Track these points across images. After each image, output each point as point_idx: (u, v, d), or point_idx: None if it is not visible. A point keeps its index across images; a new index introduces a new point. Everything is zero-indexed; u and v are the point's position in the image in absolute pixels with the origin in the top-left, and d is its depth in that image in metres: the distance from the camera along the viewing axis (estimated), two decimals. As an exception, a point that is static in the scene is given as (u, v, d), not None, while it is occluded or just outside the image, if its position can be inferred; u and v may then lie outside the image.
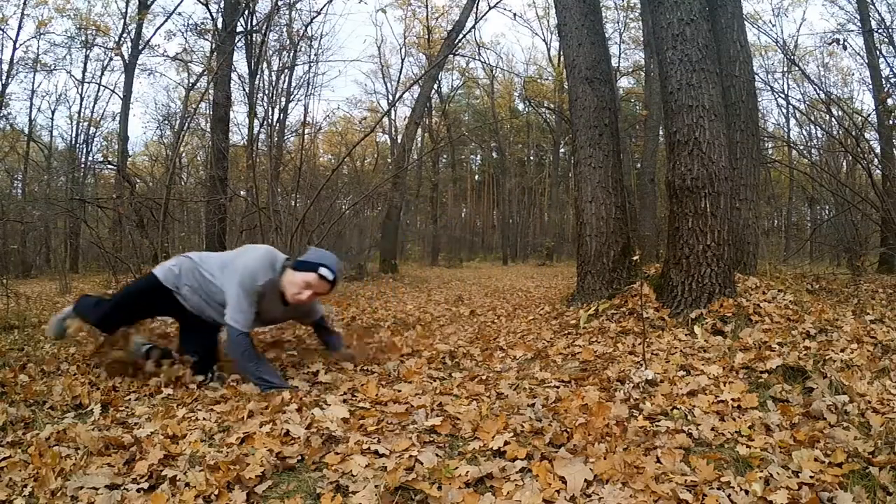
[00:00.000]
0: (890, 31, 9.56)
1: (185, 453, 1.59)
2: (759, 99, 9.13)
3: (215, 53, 10.52)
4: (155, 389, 2.22)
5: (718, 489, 1.39)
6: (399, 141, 17.62)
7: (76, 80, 16.64)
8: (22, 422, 1.84)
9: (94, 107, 17.23)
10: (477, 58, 19.81)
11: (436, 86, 19.79)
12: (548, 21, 22.46)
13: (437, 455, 1.56)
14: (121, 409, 2.00)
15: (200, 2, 12.22)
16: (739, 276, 3.43)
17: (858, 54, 10.99)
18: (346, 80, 31.79)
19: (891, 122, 7.81)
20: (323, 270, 2.23)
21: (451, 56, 17.47)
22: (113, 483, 1.43)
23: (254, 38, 12.26)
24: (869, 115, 8.87)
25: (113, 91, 16.03)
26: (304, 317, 2.65)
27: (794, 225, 16.41)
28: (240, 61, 13.35)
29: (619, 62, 19.72)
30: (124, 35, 14.64)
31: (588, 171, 4.25)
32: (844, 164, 11.58)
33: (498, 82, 25.05)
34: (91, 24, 15.42)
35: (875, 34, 9.71)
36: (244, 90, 13.62)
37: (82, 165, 16.43)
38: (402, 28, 22.15)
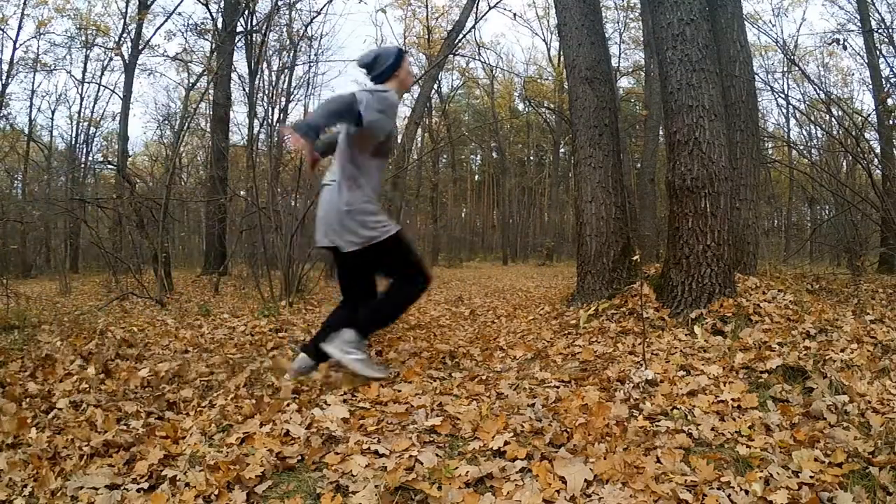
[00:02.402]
0: (890, 31, 9.55)
1: (185, 453, 1.59)
2: (759, 99, 9.14)
3: (215, 53, 10.54)
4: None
5: (718, 489, 1.39)
6: (399, 141, 17.59)
7: (76, 80, 16.67)
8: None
9: (94, 107, 17.25)
10: (477, 58, 19.80)
11: (436, 86, 19.78)
12: (548, 21, 22.47)
13: (437, 455, 1.56)
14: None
15: (200, 2, 12.25)
16: (739, 276, 3.42)
17: (858, 54, 11.01)
18: (346, 80, 31.51)
19: (891, 122, 7.80)
20: (403, 48, 2.44)
21: (451, 56, 17.45)
22: (113, 483, 1.43)
23: (254, 38, 12.25)
24: (869, 115, 8.86)
25: (113, 91, 16.04)
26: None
27: (794, 225, 16.39)
28: (240, 61, 13.33)
29: (619, 62, 19.72)
30: (124, 35, 14.63)
31: (588, 171, 4.25)
32: (844, 164, 11.58)
33: (498, 82, 25.04)
34: (91, 24, 15.43)
35: (875, 34, 9.70)
36: (244, 90, 13.62)
37: (82, 165, 16.45)
38: (402, 28, 22.14)
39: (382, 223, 2.25)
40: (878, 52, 9.86)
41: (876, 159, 6.83)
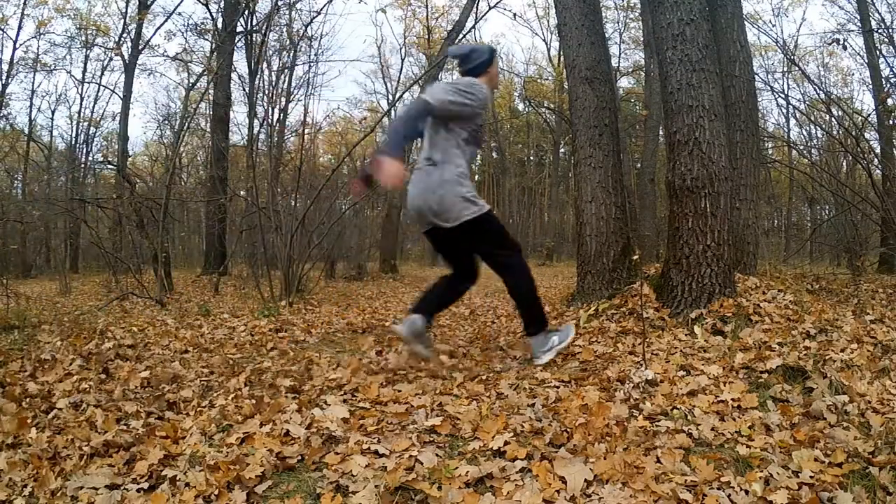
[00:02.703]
0: (890, 31, 9.56)
1: (185, 453, 1.59)
2: (759, 99, 9.14)
3: (215, 53, 10.54)
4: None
5: (718, 489, 1.39)
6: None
7: (76, 80, 16.71)
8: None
9: (94, 107, 17.28)
10: (477, 58, 19.77)
11: (436, 86, 19.74)
12: (548, 21, 22.50)
13: (437, 455, 1.56)
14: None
15: (200, 2, 12.26)
16: (739, 276, 3.42)
17: (858, 54, 11.02)
18: (346, 80, 31.85)
19: (891, 122, 7.80)
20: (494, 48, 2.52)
21: (452, 56, 17.43)
22: (113, 483, 1.43)
23: (254, 38, 12.26)
24: (869, 115, 8.87)
25: (113, 91, 16.06)
26: None
27: (794, 225, 16.41)
28: (240, 61, 13.35)
29: (619, 62, 19.74)
30: (124, 35, 14.65)
31: (588, 171, 4.24)
32: (844, 164, 11.59)
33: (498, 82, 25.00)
34: (91, 24, 15.45)
35: (875, 34, 9.70)
36: (244, 90, 13.63)
37: (82, 165, 16.46)
38: (402, 28, 22.18)
39: (479, 198, 2.35)
40: (878, 52, 9.87)
41: (876, 159, 6.83)
